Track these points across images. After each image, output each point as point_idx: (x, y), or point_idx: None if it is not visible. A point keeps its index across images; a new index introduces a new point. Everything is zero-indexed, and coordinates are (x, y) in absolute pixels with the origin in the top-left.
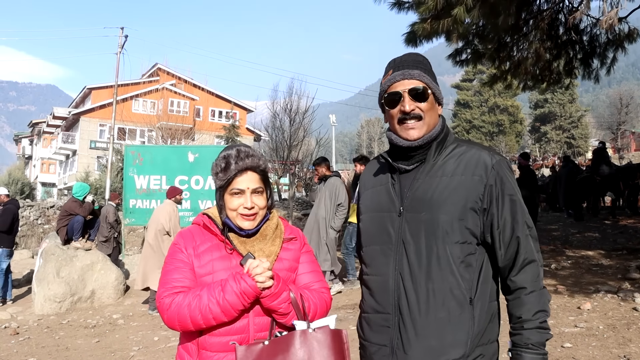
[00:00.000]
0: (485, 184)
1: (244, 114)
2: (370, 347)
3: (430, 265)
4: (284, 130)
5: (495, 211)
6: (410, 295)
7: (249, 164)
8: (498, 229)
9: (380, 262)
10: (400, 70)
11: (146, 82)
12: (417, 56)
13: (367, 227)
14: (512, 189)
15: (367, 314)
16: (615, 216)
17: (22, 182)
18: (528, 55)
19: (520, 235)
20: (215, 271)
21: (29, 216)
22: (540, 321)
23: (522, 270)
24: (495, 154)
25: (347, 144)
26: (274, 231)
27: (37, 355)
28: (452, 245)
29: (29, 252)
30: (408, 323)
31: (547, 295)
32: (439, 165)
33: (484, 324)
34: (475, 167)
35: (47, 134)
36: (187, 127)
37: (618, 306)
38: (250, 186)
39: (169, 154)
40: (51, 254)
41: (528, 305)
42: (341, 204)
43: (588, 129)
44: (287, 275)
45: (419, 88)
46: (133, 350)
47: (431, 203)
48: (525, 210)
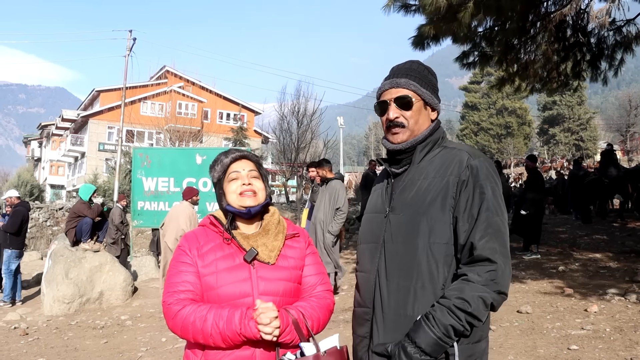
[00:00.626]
0: (457, 182)
1: (251, 116)
2: (355, 339)
3: (403, 263)
4: (292, 132)
5: (462, 206)
6: (383, 291)
7: (242, 153)
8: (462, 223)
9: (367, 260)
10: (389, 80)
11: (154, 84)
12: (412, 64)
13: (362, 227)
14: (483, 187)
15: (355, 307)
16: (624, 218)
17: (31, 184)
18: (536, 58)
19: (479, 233)
20: (219, 271)
21: (38, 218)
22: (456, 305)
23: (471, 264)
24: (477, 155)
25: (354, 147)
26: (277, 226)
27: (46, 355)
28: (429, 245)
29: (38, 254)
30: (379, 318)
31: (485, 295)
32: (422, 167)
33: None
34: (452, 167)
35: (56, 136)
36: (195, 130)
37: (625, 309)
38: (245, 168)
39: (176, 156)
40: (60, 256)
41: (457, 290)
42: (340, 209)
43: (597, 131)
44: (294, 274)
45: (403, 97)
46: (141, 351)
47: (411, 205)
48: (495, 211)
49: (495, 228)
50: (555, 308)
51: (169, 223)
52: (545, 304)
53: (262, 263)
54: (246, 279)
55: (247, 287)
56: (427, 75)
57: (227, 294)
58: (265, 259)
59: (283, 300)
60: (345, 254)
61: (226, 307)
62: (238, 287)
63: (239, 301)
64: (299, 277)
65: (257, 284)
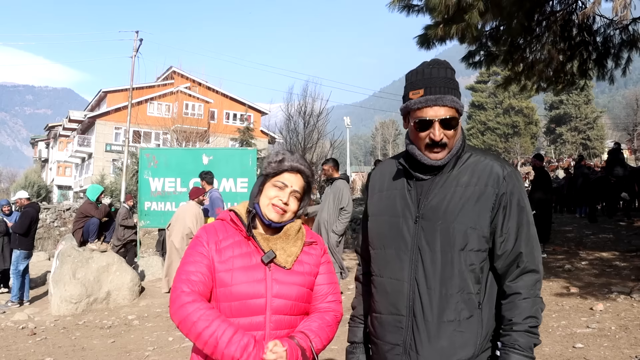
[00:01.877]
0: (497, 194)
1: (258, 117)
2: (383, 346)
3: (444, 271)
4: (298, 132)
5: (501, 219)
6: (424, 299)
7: (302, 167)
8: (501, 237)
9: (395, 266)
10: (433, 95)
11: (161, 85)
12: (447, 71)
13: (380, 229)
14: (521, 200)
15: (380, 314)
16: (630, 217)
17: (38, 185)
18: (541, 57)
19: (522, 245)
20: (235, 268)
21: (45, 219)
22: (530, 325)
23: (519, 277)
24: (507, 165)
25: (361, 146)
26: (297, 233)
27: (54, 355)
28: (465, 253)
29: (46, 254)
30: (421, 325)
31: (540, 304)
32: (454, 175)
33: (491, 326)
34: (488, 178)
35: (63, 137)
36: (202, 130)
37: (631, 307)
38: (293, 186)
39: (183, 156)
40: (67, 256)
41: (520, 310)
42: (344, 208)
43: (604, 130)
44: (308, 280)
45: (452, 119)
46: (148, 350)
47: (446, 212)
48: (532, 221)
49: (535, 238)
50: (561, 307)
51: (176, 222)
52: (550, 302)
53: (278, 266)
54: (261, 280)
55: (261, 288)
56: (454, 80)
57: (240, 293)
58: (282, 263)
59: (295, 304)
60: (351, 255)
61: (234, 325)
62: (252, 287)
63: (252, 301)
64: (312, 283)
65: (271, 286)
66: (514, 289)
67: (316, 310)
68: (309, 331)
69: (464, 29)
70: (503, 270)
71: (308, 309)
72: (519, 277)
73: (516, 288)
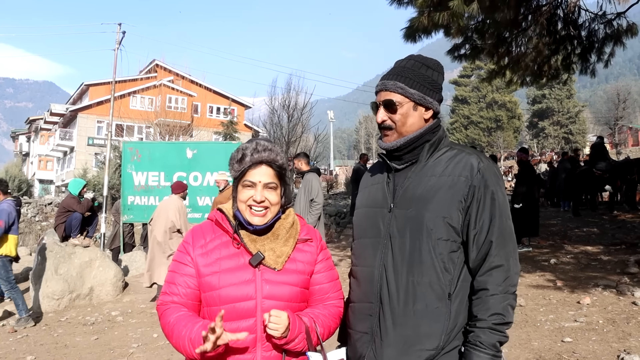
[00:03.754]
0: (469, 185)
1: (242, 110)
2: (354, 335)
3: (412, 259)
4: (282, 126)
5: (475, 212)
6: (391, 286)
7: (265, 157)
8: (475, 229)
9: (368, 254)
10: (380, 81)
11: (144, 78)
12: (407, 62)
13: (360, 221)
14: (495, 193)
15: (353, 303)
16: (613, 211)
17: (19, 179)
18: (527, 51)
19: (493, 239)
20: (222, 271)
21: (26, 213)
22: (495, 322)
23: (488, 272)
24: (484, 159)
25: (345, 140)
26: (288, 230)
27: (36, 353)
28: (435, 242)
29: (27, 249)
30: (387, 312)
31: (511, 301)
32: (430, 166)
33: (463, 319)
34: (462, 169)
35: (44, 131)
36: (185, 124)
37: (617, 300)
38: (262, 180)
39: (167, 150)
40: (49, 251)
41: (486, 306)
42: (314, 200)
43: (586, 125)
44: (302, 279)
45: (388, 101)
46: (132, 347)
47: (418, 200)
48: (506, 215)
49: (508, 232)
50: (548, 300)
51: (158, 217)
52: (537, 296)
53: (267, 267)
54: (250, 281)
55: (251, 290)
56: (422, 73)
57: (229, 296)
58: (271, 265)
59: (288, 305)
60: (339, 249)
61: (199, 320)
62: (241, 289)
63: (241, 304)
64: (307, 282)
65: (261, 287)
66: (482, 284)
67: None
68: (314, 316)
69: (449, 18)
70: (474, 265)
71: (302, 309)
72: (487, 272)
73: (484, 283)
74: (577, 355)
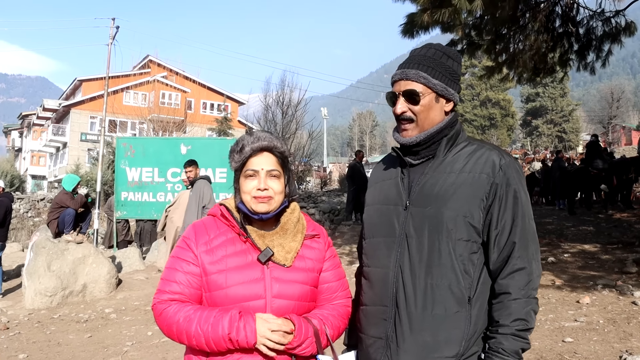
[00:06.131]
0: (491, 183)
1: (236, 107)
2: (366, 340)
3: (431, 260)
4: (276, 122)
5: (496, 211)
6: (408, 289)
7: (265, 144)
8: (496, 229)
9: (382, 254)
10: (400, 69)
11: (137, 74)
12: (428, 50)
13: (371, 218)
14: (517, 192)
15: (365, 306)
16: (608, 210)
17: (11, 175)
18: (524, 47)
19: (516, 240)
20: (229, 269)
21: (19, 209)
22: (517, 329)
23: (510, 275)
24: (506, 155)
25: (338, 137)
26: (295, 225)
27: (28, 350)
28: (455, 242)
29: (19, 245)
30: (404, 317)
31: (534, 305)
32: (448, 162)
33: (482, 324)
34: (483, 166)
35: (37, 126)
36: (179, 120)
37: (617, 300)
38: (265, 167)
39: (161, 146)
40: (42, 247)
41: (508, 311)
42: (205, 207)
43: (579, 123)
44: (311, 277)
45: (411, 91)
46: (126, 345)
47: (437, 198)
48: (529, 215)
49: (530, 233)
50: (547, 300)
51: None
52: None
53: (276, 264)
54: (259, 280)
55: (260, 289)
56: (443, 63)
57: (237, 295)
58: (281, 261)
59: (298, 304)
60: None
61: (215, 309)
62: (249, 288)
63: (250, 304)
64: (316, 280)
65: (270, 286)
66: (503, 287)
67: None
68: (323, 317)
69: (450, 14)
70: (495, 267)
71: (312, 308)
72: (509, 275)
73: (506, 287)
74: (579, 355)
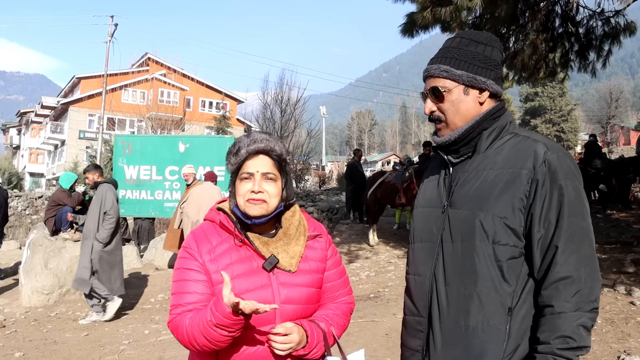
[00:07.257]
0: (532, 179)
1: (234, 105)
2: (405, 352)
3: (464, 267)
4: (275, 121)
5: (538, 211)
6: (441, 298)
7: (262, 147)
8: (539, 232)
9: (420, 261)
10: (427, 66)
11: (136, 72)
12: (453, 40)
13: (415, 223)
14: (563, 187)
15: (405, 316)
16: (606, 210)
17: (9, 172)
18: (524, 47)
19: (559, 244)
20: (235, 276)
21: (16, 207)
22: (560, 347)
23: (553, 285)
24: (554, 147)
25: (337, 136)
26: (297, 228)
27: (24, 349)
28: (490, 246)
29: (17, 243)
30: (436, 329)
31: (584, 320)
32: (490, 158)
33: (527, 340)
34: (525, 160)
35: (35, 124)
36: (177, 118)
37: (615, 300)
38: (260, 169)
39: (159, 143)
40: (39, 245)
41: (550, 327)
42: (107, 212)
43: (578, 123)
44: (316, 278)
45: (435, 88)
46: (123, 344)
47: (473, 198)
48: (580, 214)
49: (579, 235)
50: None
51: (196, 200)
52: None
53: (281, 269)
54: (266, 286)
55: (268, 295)
56: (471, 50)
57: None
58: (286, 267)
59: (304, 307)
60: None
61: None
62: (257, 294)
63: None
64: (320, 280)
65: (278, 291)
66: (546, 299)
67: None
68: (329, 318)
69: (451, 13)
70: (539, 275)
71: (317, 309)
72: (553, 285)
73: (549, 299)
74: None
